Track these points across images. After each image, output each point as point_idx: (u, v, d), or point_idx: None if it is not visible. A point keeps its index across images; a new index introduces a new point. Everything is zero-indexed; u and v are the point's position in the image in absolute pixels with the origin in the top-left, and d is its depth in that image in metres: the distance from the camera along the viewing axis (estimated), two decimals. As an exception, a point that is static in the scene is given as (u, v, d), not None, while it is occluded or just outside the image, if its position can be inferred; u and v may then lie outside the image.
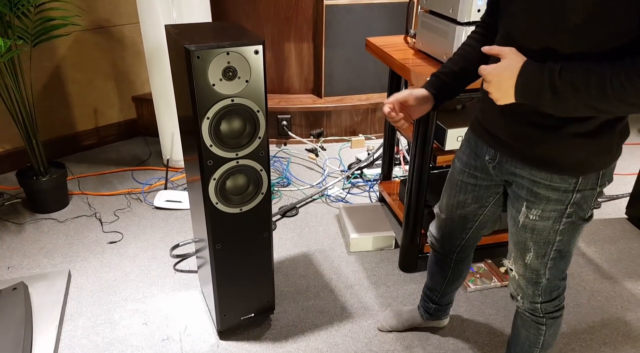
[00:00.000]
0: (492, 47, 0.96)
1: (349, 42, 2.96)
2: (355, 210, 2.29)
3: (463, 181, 1.26)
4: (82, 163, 2.83)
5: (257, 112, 1.34)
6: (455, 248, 1.43)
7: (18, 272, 1.97)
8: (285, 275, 1.98)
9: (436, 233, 1.44)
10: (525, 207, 1.08)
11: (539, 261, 1.13)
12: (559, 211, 1.05)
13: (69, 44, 2.71)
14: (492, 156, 1.14)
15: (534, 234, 1.10)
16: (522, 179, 1.08)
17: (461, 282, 1.56)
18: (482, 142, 1.16)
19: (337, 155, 2.94)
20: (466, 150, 1.24)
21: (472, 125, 1.22)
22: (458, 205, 1.31)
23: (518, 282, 1.21)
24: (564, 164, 1.00)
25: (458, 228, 1.36)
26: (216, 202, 1.41)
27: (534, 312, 1.23)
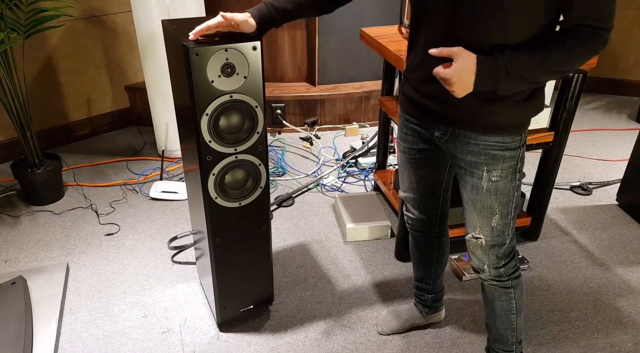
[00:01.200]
0: (441, 49, 1.06)
1: (342, 30, 2.95)
2: (350, 199, 2.31)
3: (415, 158, 1.36)
4: (76, 153, 2.82)
5: (256, 108, 1.34)
6: (435, 219, 1.49)
7: (15, 265, 1.98)
8: (283, 266, 2.01)
9: (412, 213, 1.51)
10: (486, 171, 1.20)
11: (503, 222, 1.25)
12: (512, 167, 1.20)
13: (60, 34, 2.67)
14: (443, 132, 1.24)
15: (497, 195, 1.22)
16: (477, 147, 1.19)
17: (447, 258, 1.61)
18: (428, 120, 1.26)
19: (331, 143, 2.95)
20: (408, 130, 1.34)
21: (408, 107, 1.30)
22: (420, 180, 1.40)
23: (484, 249, 1.29)
24: (512, 126, 1.17)
25: (429, 200, 1.45)
26: (215, 196, 1.42)
27: (500, 278, 1.33)
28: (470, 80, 1.04)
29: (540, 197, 2.04)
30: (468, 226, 1.32)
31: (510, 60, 1.03)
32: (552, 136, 1.87)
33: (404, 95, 1.31)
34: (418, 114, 1.28)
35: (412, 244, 1.60)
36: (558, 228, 2.25)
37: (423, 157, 1.35)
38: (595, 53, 1.05)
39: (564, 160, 2.77)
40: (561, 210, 2.38)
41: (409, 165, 1.40)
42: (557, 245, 2.14)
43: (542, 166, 1.98)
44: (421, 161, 1.36)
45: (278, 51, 3.04)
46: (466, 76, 1.03)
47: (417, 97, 1.25)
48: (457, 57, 1.04)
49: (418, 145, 1.34)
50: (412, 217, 1.52)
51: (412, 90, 1.26)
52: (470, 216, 1.29)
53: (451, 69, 1.04)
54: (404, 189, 1.48)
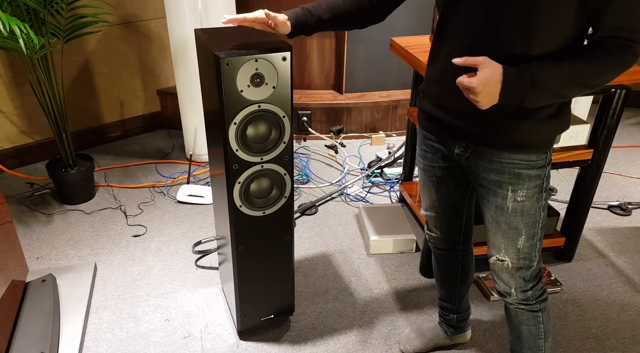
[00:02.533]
0: (466, 59, 1.02)
1: (371, 39, 2.93)
2: (375, 210, 2.29)
3: (437, 176, 1.32)
4: (108, 154, 2.89)
5: (283, 118, 1.34)
6: (459, 237, 1.45)
7: (46, 262, 2.03)
8: (305, 276, 2.00)
9: (436, 231, 1.47)
10: (510, 191, 1.15)
11: (529, 243, 1.20)
12: (539, 186, 1.16)
13: (98, 39, 2.75)
14: (464, 149, 1.19)
15: (524, 216, 1.17)
16: (501, 165, 1.14)
17: (472, 277, 1.56)
18: (448, 137, 1.21)
19: (356, 152, 2.93)
20: (427, 147, 1.31)
21: (426, 123, 1.27)
22: (442, 199, 1.36)
23: (510, 272, 1.25)
24: (538, 144, 1.13)
25: (452, 218, 1.40)
26: (240, 204, 1.43)
27: (527, 301, 1.28)
28: (496, 91, 1.00)
29: (576, 216, 1.97)
30: (492, 248, 1.27)
31: (537, 71, 0.99)
32: (591, 154, 1.80)
33: (422, 111, 1.28)
34: (437, 130, 1.24)
35: (435, 263, 1.56)
36: (594, 250, 2.16)
37: (444, 175, 1.31)
38: (627, 66, 1.00)
39: (603, 177, 2.67)
40: (598, 230, 2.29)
41: (429, 183, 1.36)
42: (593, 267, 2.06)
43: (579, 184, 1.91)
44: (442, 179, 1.32)
45: (306, 59, 3.05)
46: (491, 86, 0.99)
47: (436, 112, 1.21)
48: (482, 66, 1.00)
49: (438, 162, 1.30)
50: (434, 236, 1.48)
51: (430, 105, 1.23)
52: (494, 237, 1.24)
53: (476, 78, 0.99)
54: (425, 208, 1.44)
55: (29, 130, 2.68)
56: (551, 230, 2.01)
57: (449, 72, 1.11)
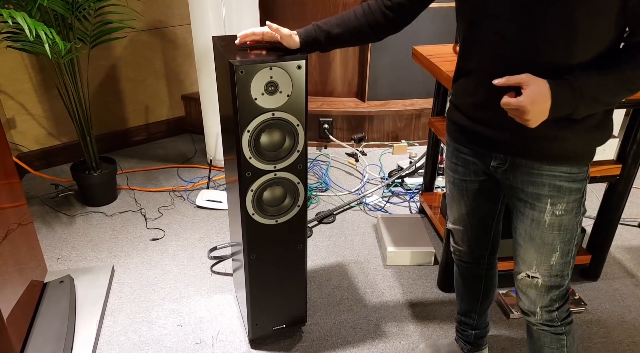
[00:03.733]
0: (508, 78, 0.97)
1: (395, 47, 2.90)
2: (393, 221, 2.24)
3: (468, 190, 1.28)
4: (132, 157, 2.94)
5: (297, 126, 1.33)
6: (486, 251, 1.41)
7: (66, 263, 2.07)
8: (319, 285, 1.97)
9: (462, 245, 1.42)
10: (550, 204, 1.11)
11: (563, 260, 1.16)
12: (578, 201, 1.12)
13: (125, 44, 2.81)
14: (501, 161, 1.15)
15: (561, 231, 1.13)
16: (541, 177, 1.10)
17: (494, 294, 1.50)
18: (485, 150, 1.17)
19: (377, 161, 2.89)
20: (459, 161, 1.26)
21: (459, 135, 1.23)
22: (472, 213, 1.32)
23: (540, 290, 1.20)
24: (580, 155, 1.08)
25: (480, 233, 1.36)
26: (252, 212, 1.41)
27: (552, 323, 1.23)
28: (546, 108, 0.96)
29: (603, 233, 1.88)
30: (521, 264, 1.21)
31: (585, 81, 0.96)
32: (620, 169, 1.72)
33: (453, 123, 1.23)
34: (470, 142, 1.20)
35: (458, 276, 1.51)
36: (622, 269, 2.06)
37: (475, 189, 1.27)
38: None
39: (633, 193, 2.55)
40: (627, 248, 2.19)
41: (459, 196, 1.32)
42: (620, 287, 1.96)
43: (607, 200, 1.82)
44: (473, 193, 1.28)
45: (329, 66, 3.04)
46: (541, 103, 0.95)
47: (470, 125, 1.17)
48: (526, 84, 0.95)
49: (470, 176, 1.26)
50: (460, 250, 1.44)
51: (464, 117, 1.18)
52: (525, 253, 1.19)
53: (525, 97, 0.95)
54: (452, 221, 1.40)
55: (56, 133, 2.75)
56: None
57: (482, 85, 1.07)
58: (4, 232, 1.50)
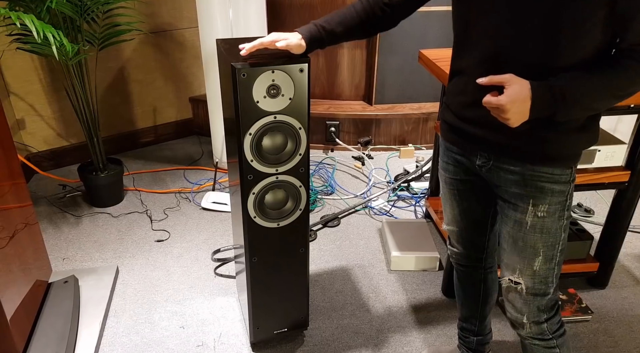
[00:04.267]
0: (491, 78, 0.98)
1: (403, 50, 2.89)
2: (399, 225, 2.23)
3: (459, 189, 1.28)
4: (139, 159, 2.96)
5: (299, 130, 1.32)
6: (482, 254, 1.39)
7: (72, 263, 2.08)
8: (322, 289, 1.96)
9: (458, 247, 1.42)
10: (531, 205, 1.10)
11: (547, 266, 1.14)
12: (561, 204, 1.10)
13: (133, 46, 2.83)
14: (486, 159, 1.15)
15: (543, 234, 1.11)
16: (523, 177, 1.09)
17: (495, 297, 1.48)
18: (471, 148, 1.17)
19: (384, 165, 2.88)
20: (449, 159, 1.27)
21: (449, 134, 1.23)
22: (465, 214, 1.31)
23: (524, 297, 1.18)
24: (563, 157, 1.08)
25: (474, 234, 1.35)
26: (254, 215, 1.41)
27: (543, 335, 1.20)
28: (526, 108, 0.97)
29: (612, 240, 1.84)
30: (505, 269, 1.20)
31: (566, 84, 0.96)
32: (628, 176, 1.69)
33: (444, 122, 1.25)
34: (459, 141, 1.21)
35: (457, 280, 1.51)
36: (631, 277, 2.02)
37: (466, 189, 1.27)
38: None
39: (642, 199, 2.50)
40: (636, 256, 2.14)
41: (451, 196, 1.32)
42: (629, 296, 1.92)
43: (615, 207, 1.79)
44: (464, 192, 1.28)
45: (337, 69, 3.04)
46: (521, 103, 0.96)
47: (458, 124, 1.18)
48: (508, 84, 0.96)
49: (460, 175, 1.26)
50: (456, 252, 1.44)
51: (453, 116, 1.19)
52: (509, 257, 1.18)
53: (504, 96, 0.96)
54: (447, 222, 1.40)
55: (64, 134, 2.78)
56: (584, 254, 1.89)
57: (470, 84, 1.07)
58: (9, 232, 1.51)
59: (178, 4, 2.90)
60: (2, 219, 1.47)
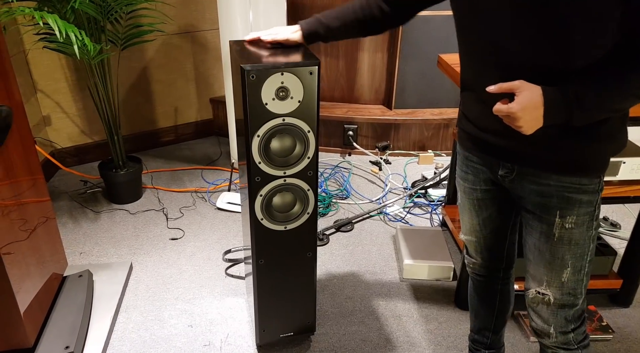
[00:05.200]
0: (500, 85, 0.95)
1: (425, 55, 2.85)
2: (413, 233, 2.19)
3: (478, 199, 1.25)
4: (159, 157, 3.00)
5: (308, 133, 1.31)
6: (501, 264, 1.36)
7: (88, 258, 2.13)
8: (332, 294, 1.94)
9: (476, 257, 1.38)
10: (559, 216, 1.06)
11: (575, 277, 1.11)
12: (590, 214, 1.06)
13: (157, 47, 2.89)
14: (509, 170, 1.11)
15: (571, 245, 1.08)
16: (549, 187, 1.06)
17: (510, 310, 1.44)
18: (492, 159, 1.14)
19: (401, 170, 2.84)
20: (469, 169, 1.23)
21: (467, 143, 1.20)
22: (485, 223, 1.28)
23: (552, 308, 1.15)
24: (590, 166, 1.03)
25: (494, 244, 1.32)
26: (261, 218, 1.41)
27: (568, 345, 1.17)
28: (539, 114, 0.93)
29: (637, 256, 1.77)
30: (531, 280, 1.17)
31: (580, 86, 0.92)
32: (655, 187, 1.62)
33: (462, 131, 1.21)
34: (479, 150, 1.17)
35: (472, 289, 1.47)
36: (654, 295, 1.93)
37: (486, 198, 1.24)
38: None
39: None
40: (661, 272, 2.04)
41: (470, 206, 1.28)
42: (652, 314, 1.84)
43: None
44: (484, 202, 1.24)
45: (357, 72, 3.02)
46: (533, 110, 0.92)
47: (477, 133, 1.14)
48: (519, 91, 0.93)
49: (480, 185, 1.22)
50: (474, 262, 1.40)
51: (471, 125, 1.16)
52: (535, 268, 1.15)
53: (515, 103, 0.93)
54: (465, 232, 1.36)
55: (88, 131, 2.85)
56: (607, 270, 1.81)
57: (485, 93, 1.03)
58: (27, 227, 1.55)
59: (201, 6, 2.93)
60: (20, 214, 1.52)
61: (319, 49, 2.97)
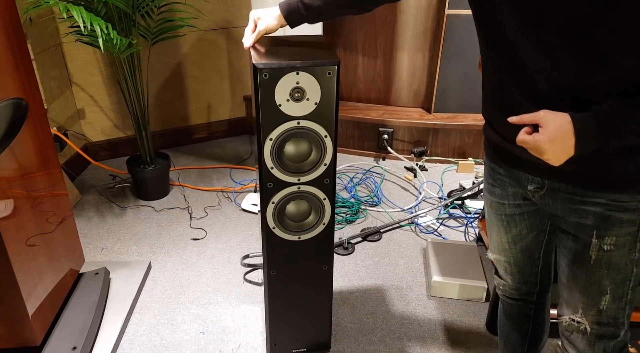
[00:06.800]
0: (521, 117, 0.88)
1: (469, 55, 2.66)
2: (445, 247, 2.03)
3: (506, 214, 1.13)
4: (190, 154, 2.98)
5: (325, 137, 1.20)
6: (534, 287, 1.23)
7: (109, 254, 2.11)
8: (352, 309, 1.82)
9: (506, 278, 1.25)
10: (596, 237, 0.96)
11: (615, 305, 1.00)
12: (632, 234, 0.95)
13: (191, 43, 2.86)
14: (539, 185, 1.00)
15: (610, 269, 0.97)
16: (584, 205, 0.95)
17: (545, 340, 1.30)
18: (520, 172, 1.03)
19: (438, 178, 2.67)
20: (495, 182, 1.12)
21: (493, 154, 1.09)
22: (514, 241, 1.16)
23: (588, 339, 1.03)
24: (629, 181, 0.93)
25: (525, 265, 1.19)
26: (273, 226, 1.31)
27: None
28: (569, 145, 0.84)
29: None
30: (565, 306, 1.05)
31: (616, 110, 0.83)
32: None
33: (487, 140, 1.09)
34: (505, 162, 1.05)
35: (502, 313, 1.33)
36: None
37: (515, 214, 1.11)
38: None
39: None
40: None
41: (498, 222, 1.16)
42: None
43: None
44: (513, 218, 1.12)
45: (395, 73, 2.87)
46: (562, 141, 0.84)
47: (502, 143, 1.02)
48: (543, 121, 0.85)
49: (508, 199, 1.10)
50: (503, 283, 1.27)
51: (495, 133, 1.04)
52: (569, 293, 1.03)
53: (542, 135, 0.84)
54: (493, 250, 1.24)
55: (121, 125, 2.86)
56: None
57: (508, 103, 0.94)
58: (40, 223, 1.53)
59: (237, 1, 2.88)
60: (33, 209, 1.49)
61: (357, 48, 2.85)
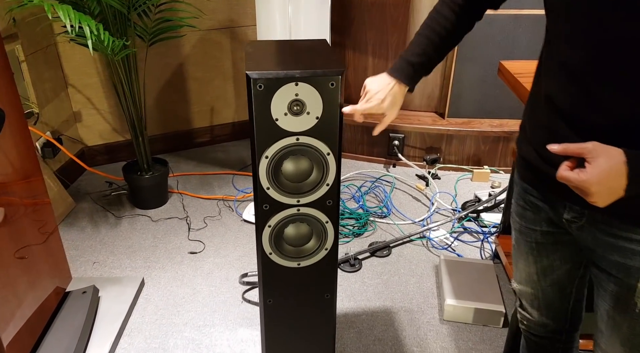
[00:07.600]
0: (566, 146, 0.75)
1: (486, 59, 2.50)
2: (459, 265, 1.88)
3: (537, 242, 0.99)
4: (191, 159, 2.86)
5: (328, 155, 1.06)
6: (564, 324, 1.09)
7: (101, 269, 1.99)
8: (359, 334, 1.68)
9: (532, 311, 1.11)
10: None
11: None
12: None
13: (193, 43, 2.73)
14: (578, 214, 0.87)
15: None
16: (630, 243, 0.82)
17: None
18: (556, 197, 0.90)
19: (451, 188, 2.52)
20: (527, 204, 0.98)
21: (527, 173, 0.95)
22: (545, 272, 1.02)
23: None
24: None
25: (556, 298, 1.06)
26: (270, 252, 1.18)
27: None
28: (620, 185, 0.72)
29: None
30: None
31: None
32: None
33: (522, 157, 0.95)
34: (541, 185, 0.91)
35: (525, 351, 1.20)
36: None
37: (547, 242, 0.98)
38: None
39: None
40: None
41: (527, 249, 1.02)
42: None
43: None
44: (544, 247, 0.99)
45: (407, 76, 2.72)
46: (612, 181, 0.72)
47: (539, 163, 0.88)
48: (591, 156, 0.72)
49: (540, 225, 0.96)
50: (528, 318, 1.13)
51: (534, 152, 0.90)
52: (607, 343, 0.90)
53: (588, 174, 0.72)
54: (518, 280, 1.10)
55: (120, 129, 2.74)
56: None
57: (554, 116, 0.81)
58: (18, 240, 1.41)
59: (242, 0, 2.75)
60: (10, 227, 1.37)
61: (367, 49, 2.70)
